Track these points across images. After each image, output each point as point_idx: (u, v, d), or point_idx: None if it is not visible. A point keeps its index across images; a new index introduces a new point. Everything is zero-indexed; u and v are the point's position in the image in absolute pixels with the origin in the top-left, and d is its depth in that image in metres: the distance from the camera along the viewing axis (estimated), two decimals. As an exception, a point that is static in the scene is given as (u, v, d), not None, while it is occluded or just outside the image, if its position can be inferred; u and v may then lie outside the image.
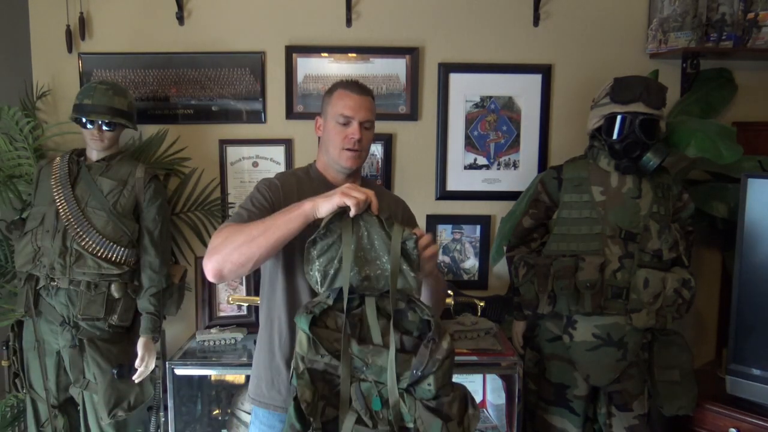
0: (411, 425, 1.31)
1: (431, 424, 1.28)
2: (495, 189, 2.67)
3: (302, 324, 1.32)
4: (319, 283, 1.38)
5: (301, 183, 1.62)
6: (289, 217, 1.35)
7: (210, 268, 1.40)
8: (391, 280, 1.32)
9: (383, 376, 1.31)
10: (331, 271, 1.36)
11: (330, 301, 1.35)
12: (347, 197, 1.31)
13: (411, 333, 1.36)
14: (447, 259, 2.70)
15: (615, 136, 2.05)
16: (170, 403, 2.27)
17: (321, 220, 1.36)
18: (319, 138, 1.68)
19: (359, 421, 1.30)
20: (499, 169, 2.66)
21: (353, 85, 1.62)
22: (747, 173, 2.13)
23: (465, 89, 2.61)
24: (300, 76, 2.58)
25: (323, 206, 1.34)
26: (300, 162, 2.56)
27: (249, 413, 2.20)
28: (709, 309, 2.73)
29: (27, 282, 2.18)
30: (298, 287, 1.55)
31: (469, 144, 2.65)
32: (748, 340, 2.13)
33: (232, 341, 2.43)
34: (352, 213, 1.32)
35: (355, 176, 1.67)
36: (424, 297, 1.53)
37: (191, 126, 2.61)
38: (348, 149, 1.57)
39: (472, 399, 1.36)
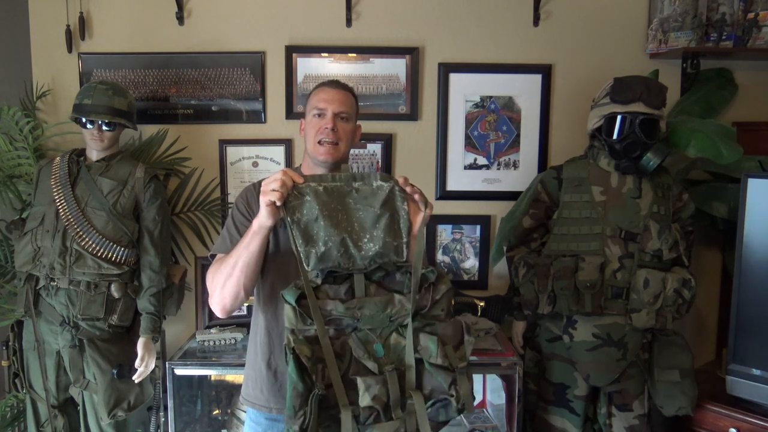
0: (416, 358, 1.35)
1: (428, 342, 1.34)
2: (495, 189, 2.66)
3: (289, 297, 1.33)
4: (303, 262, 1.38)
5: None
6: (247, 243, 1.43)
7: (215, 309, 1.53)
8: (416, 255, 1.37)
9: (375, 321, 1.35)
10: (314, 251, 1.35)
11: (318, 281, 1.37)
12: (266, 195, 1.34)
13: (401, 293, 1.39)
14: (447, 259, 2.70)
15: (615, 136, 2.05)
16: (170, 403, 2.27)
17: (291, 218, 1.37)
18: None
19: (364, 371, 1.32)
20: (499, 169, 2.66)
21: (330, 82, 1.65)
22: (747, 173, 2.13)
23: (465, 89, 2.61)
24: (300, 76, 2.58)
25: (263, 218, 1.37)
26: (300, 162, 2.56)
27: (249, 413, 2.20)
28: (709, 309, 2.73)
29: (27, 282, 2.18)
30: (276, 293, 1.55)
31: (469, 144, 2.65)
32: (748, 340, 2.13)
33: (232, 341, 2.43)
34: (278, 202, 1.33)
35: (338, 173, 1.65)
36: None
37: (191, 126, 2.61)
38: (322, 142, 1.57)
39: (468, 328, 1.40)
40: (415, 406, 1.31)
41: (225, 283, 1.46)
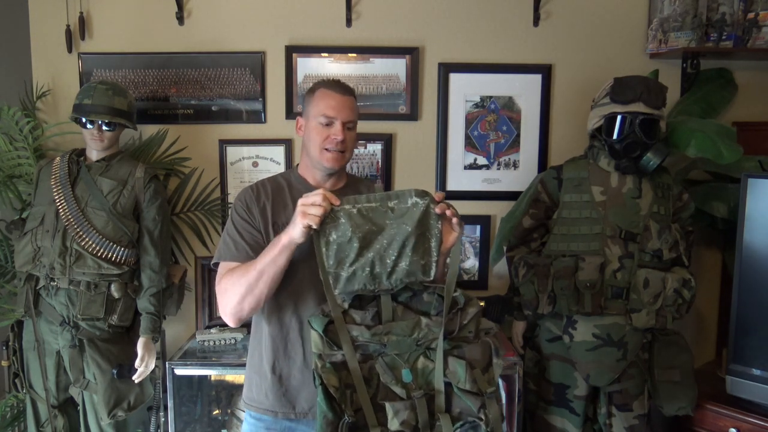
0: (445, 381, 1.35)
1: (456, 366, 1.35)
2: (495, 189, 2.66)
3: (316, 326, 1.35)
4: (332, 286, 1.39)
5: (280, 189, 1.60)
6: (273, 256, 1.40)
7: (229, 320, 1.50)
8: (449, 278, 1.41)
9: (402, 346, 1.36)
10: (343, 273, 1.36)
11: (345, 306, 1.37)
12: (305, 217, 1.33)
13: (428, 314, 1.40)
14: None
15: (615, 136, 2.05)
16: (170, 403, 2.27)
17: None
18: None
19: (392, 395, 1.33)
20: (499, 169, 2.66)
21: (336, 85, 1.59)
22: (747, 173, 2.13)
23: (465, 89, 2.61)
24: (300, 76, 2.58)
25: (295, 234, 1.36)
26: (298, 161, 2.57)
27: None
28: (709, 309, 2.73)
29: (27, 282, 2.18)
30: (280, 300, 1.55)
31: (469, 144, 2.65)
32: (748, 340, 2.13)
33: (232, 341, 2.43)
34: (315, 226, 1.33)
35: (339, 176, 1.63)
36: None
37: (191, 126, 2.61)
38: (329, 150, 1.54)
39: (497, 350, 1.41)
40: (442, 429, 1.32)
41: (246, 295, 1.43)
